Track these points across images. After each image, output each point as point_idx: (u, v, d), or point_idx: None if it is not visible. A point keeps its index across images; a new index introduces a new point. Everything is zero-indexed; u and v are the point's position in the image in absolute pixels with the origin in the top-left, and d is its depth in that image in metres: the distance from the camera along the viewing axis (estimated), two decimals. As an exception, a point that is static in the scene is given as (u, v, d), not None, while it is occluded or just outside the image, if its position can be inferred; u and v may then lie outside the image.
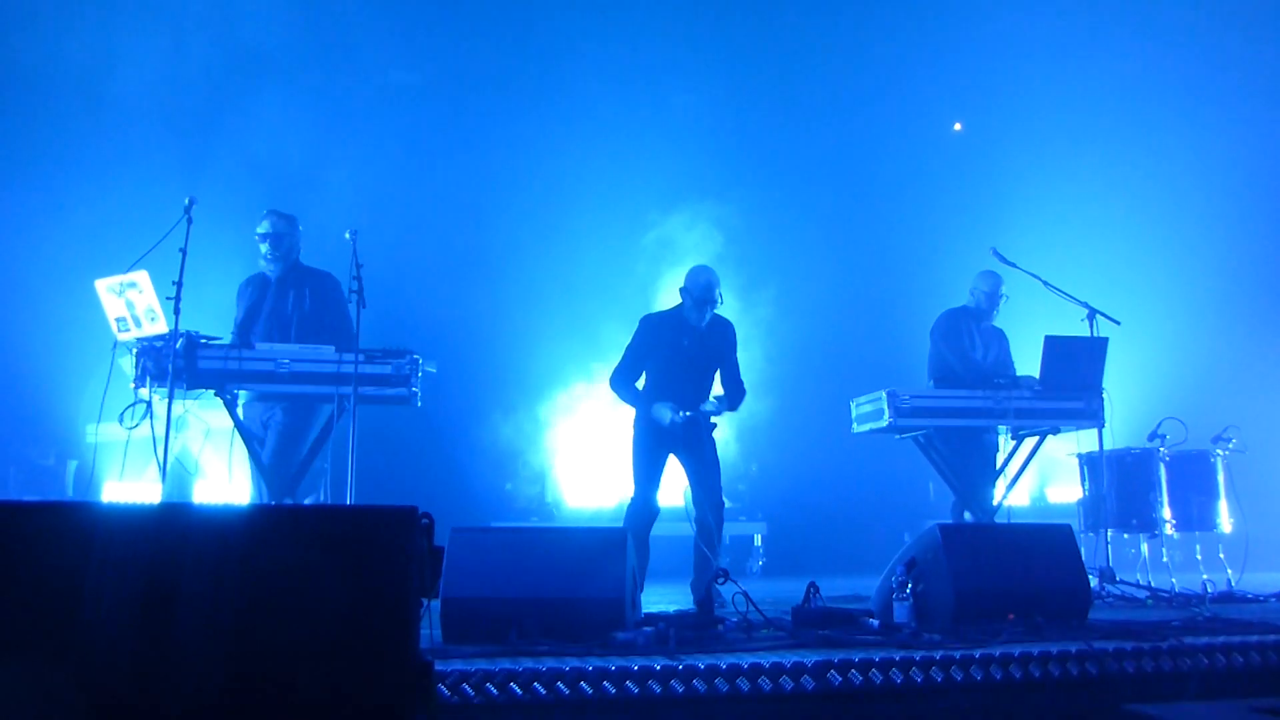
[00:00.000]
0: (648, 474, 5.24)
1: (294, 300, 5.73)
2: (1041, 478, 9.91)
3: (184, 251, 4.93)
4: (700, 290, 5.36)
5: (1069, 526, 4.46)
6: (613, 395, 5.46)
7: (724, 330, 5.53)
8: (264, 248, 5.70)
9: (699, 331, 5.40)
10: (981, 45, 10.31)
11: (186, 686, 1.49)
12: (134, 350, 5.07)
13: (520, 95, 9.79)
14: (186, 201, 5.06)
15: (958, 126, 10.76)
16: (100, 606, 1.48)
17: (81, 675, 1.46)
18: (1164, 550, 6.68)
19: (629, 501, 5.28)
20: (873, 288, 9.33)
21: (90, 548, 1.47)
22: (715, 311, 5.45)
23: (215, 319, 5.40)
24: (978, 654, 3.39)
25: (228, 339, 5.33)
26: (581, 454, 8.94)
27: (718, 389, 5.57)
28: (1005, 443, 6.65)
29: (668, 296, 8.94)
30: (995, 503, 6.58)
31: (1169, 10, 10.21)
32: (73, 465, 8.21)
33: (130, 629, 1.48)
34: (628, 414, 5.57)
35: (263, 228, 5.70)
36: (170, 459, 5.00)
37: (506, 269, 9.11)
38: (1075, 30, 10.44)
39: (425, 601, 1.67)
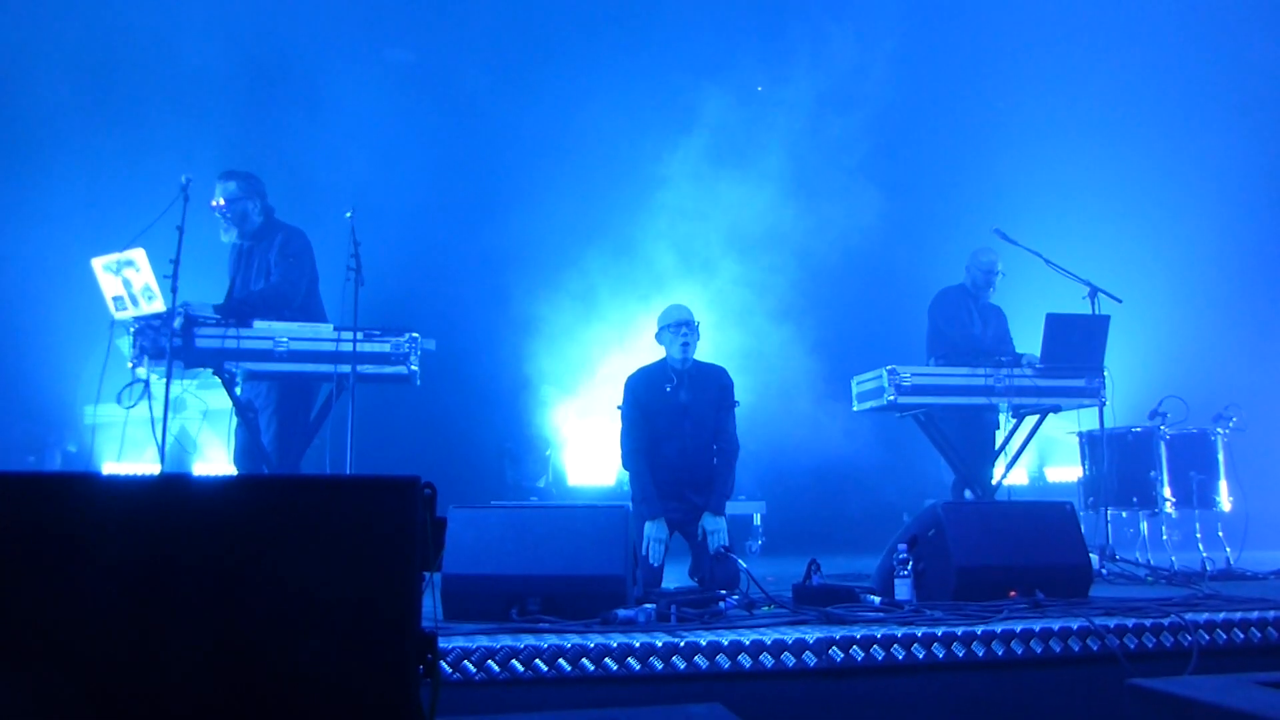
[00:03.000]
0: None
1: (258, 268, 5.59)
2: (1040, 456, 9.93)
3: (181, 229, 4.89)
4: (673, 327, 5.13)
5: (1070, 504, 4.45)
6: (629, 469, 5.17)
7: (716, 377, 5.27)
8: (218, 217, 5.54)
9: (685, 375, 5.16)
10: (983, 21, 10.24)
11: (184, 659, 1.47)
12: (131, 329, 5.04)
13: (518, 70, 9.73)
14: (183, 180, 5.01)
15: None
16: (95, 578, 1.46)
17: (75, 648, 1.45)
18: (1164, 528, 6.69)
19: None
20: (875, 264, 9.30)
21: (84, 519, 1.46)
22: (699, 360, 5.24)
23: (213, 298, 5.35)
24: (979, 630, 3.39)
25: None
26: (583, 432, 8.94)
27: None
28: (1006, 421, 6.65)
29: (670, 278, 8.99)
30: (995, 481, 6.59)
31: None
32: (65, 448, 8.17)
33: (126, 601, 1.46)
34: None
35: (215, 196, 5.51)
36: (169, 439, 4.98)
37: (505, 245, 9.07)
38: (1076, 5, 10.37)
39: (427, 575, 1.65)
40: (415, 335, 5.29)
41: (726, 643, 3.19)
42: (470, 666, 3.03)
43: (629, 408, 5.19)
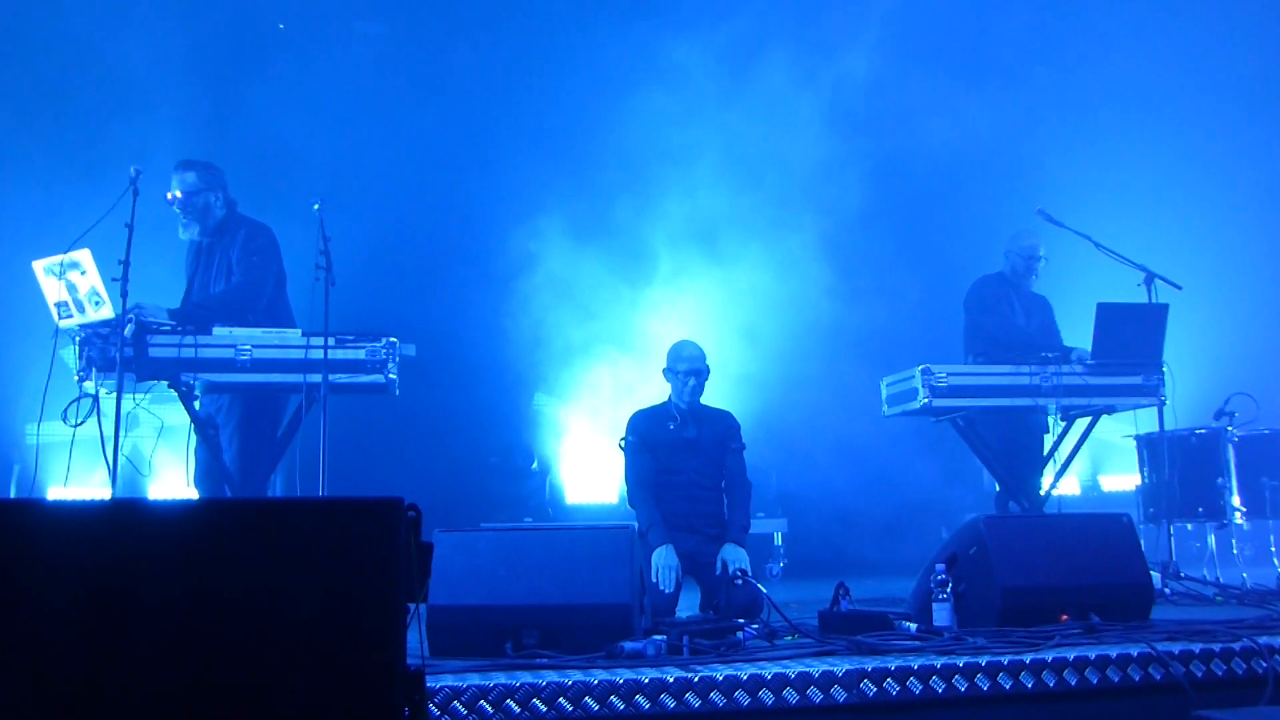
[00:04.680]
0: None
1: (219, 267, 5.60)
2: (1094, 464, 9.92)
3: (130, 227, 4.90)
4: (685, 363, 5.34)
5: (1128, 516, 4.46)
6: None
7: (722, 419, 5.49)
8: (176, 211, 5.53)
9: (689, 414, 5.37)
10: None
11: (144, 705, 1.49)
12: (77, 339, 5.06)
13: (502, 40, 9.71)
14: (132, 172, 5.02)
15: None
16: (46, 615, 1.47)
17: (24, 693, 1.46)
18: (1233, 542, 6.68)
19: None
20: (906, 255, 9.29)
21: (33, 550, 1.47)
22: (706, 403, 5.46)
23: (168, 301, 5.37)
24: (1028, 659, 3.39)
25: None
26: (582, 445, 8.93)
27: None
28: (1054, 424, 6.64)
29: (679, 269, 8.97)
30: (1044, 492, 6.59)
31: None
32: (16, 470, 8.21)
33: (80, 640, 1.47)
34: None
35: (172, 188, 5.50)
36: (120, 460, 4.99)
37: (491, 238, 9.06)
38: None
39: (412, 607, 1.66)
40: (393, 340, 5.31)
41: (746, 677, 3.19)
42: (460, 708, 3.03)
43: (632, 443, 5.38)
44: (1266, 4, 10.11)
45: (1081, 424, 6.56)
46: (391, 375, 5.29)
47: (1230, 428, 6.44)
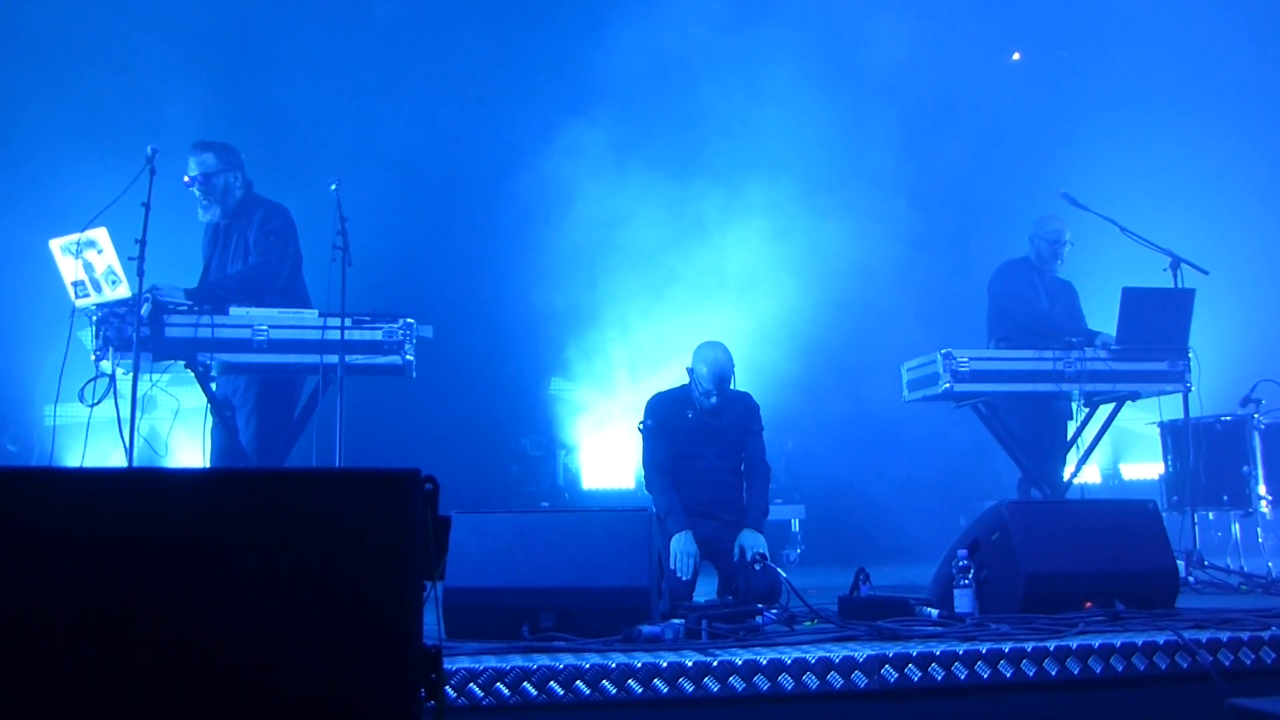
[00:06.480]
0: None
1: (236, 248, 5.60)
2: (1115, 452, 9.85)
3: (147, 206, 4.89)
4: (711, 380, 5.21)
5: (1153, 502, 4.42)
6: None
7: (742, 401, 5.41)
8: (196, 193, 5.53)
9: (709, 406, 5.28)
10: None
11: (148, 683, 1.46)
12: (94, 318, 5.06)
13: (523, 19, 9.65)
14: (149, 151, 5.02)
15: (1016, 56, 10.58)
16: (49, 586, 1.45)
17: (25, 669, 1.44)
18: (1258, 531, 6.62)
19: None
20: (927, 237, 9.21)
21: (37, 519, 1.44)
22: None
23: (185, 281, 5.36)
24: (1052, 646, 3.36)
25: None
26: (599, 428, 8.91)
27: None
28: (1077, 410, 6.58)
29: (697, 252, 8.92)
30: (1066, 479, 6.53)
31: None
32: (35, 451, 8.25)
33: (84, 612, 1.45)
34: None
35: (190, 170, 5.50)
36: (137, 441, 4.99)
37: (509, 219, 9.02)
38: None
39: (428, 585, 1.63)
40: (410, 321, 5.30)
41: (765, 662, 3.17)
42: (477, 690, 3.02)
43: (650, 427, 5.35)
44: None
45: (1105, 410, 6.50)
46: (409, 356, 5.29)
47: (1256, 415, 6.38)
